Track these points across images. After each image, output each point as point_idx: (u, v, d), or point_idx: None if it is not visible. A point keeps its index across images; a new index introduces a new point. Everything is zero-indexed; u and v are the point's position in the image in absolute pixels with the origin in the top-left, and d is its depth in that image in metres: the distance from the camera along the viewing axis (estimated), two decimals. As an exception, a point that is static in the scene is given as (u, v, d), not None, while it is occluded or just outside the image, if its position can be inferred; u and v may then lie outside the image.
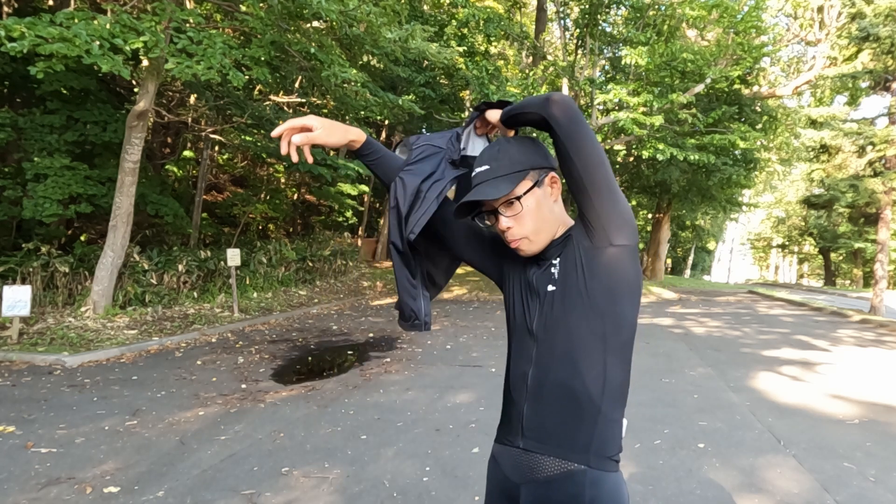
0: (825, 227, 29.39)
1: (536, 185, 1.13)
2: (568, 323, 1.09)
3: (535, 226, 1.12)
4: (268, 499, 2.79)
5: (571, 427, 1.07)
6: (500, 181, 1.10)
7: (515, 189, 1.11)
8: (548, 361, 1.11)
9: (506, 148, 1.14)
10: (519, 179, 1.11)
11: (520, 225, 1.12)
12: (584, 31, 13.36)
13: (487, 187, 1.11)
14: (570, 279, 1.10)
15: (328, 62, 7.49)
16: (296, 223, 18.35)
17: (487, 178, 1.12)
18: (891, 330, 9.79)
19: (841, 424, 4.22)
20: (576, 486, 1.06)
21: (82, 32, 5.44)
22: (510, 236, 1.13)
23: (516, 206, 1.11)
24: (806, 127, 14.00)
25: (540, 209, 1.13)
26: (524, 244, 1.14)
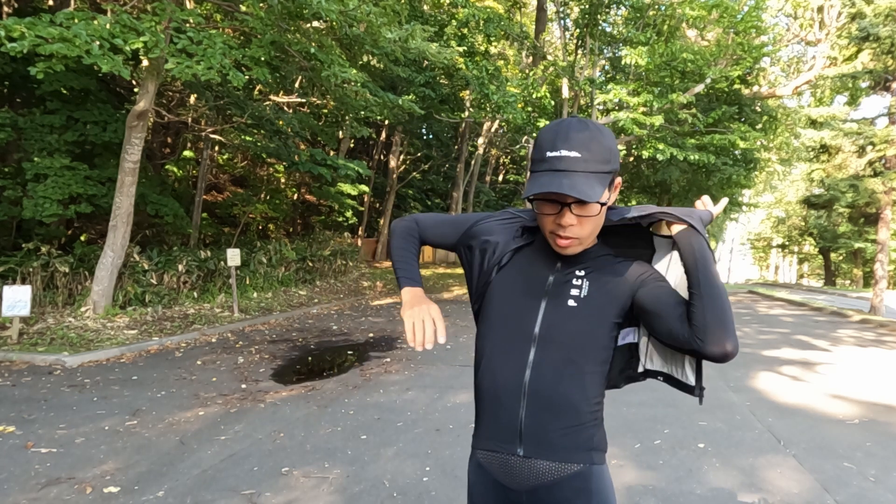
0: (825, 227, 29.39)
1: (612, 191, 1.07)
2: (573, 333, 1.08)
3: (592, 232, 1.07)
4: (268, 499, 2.79)
5: (574, 431, 1.08)
6: (592, 179, 0.99)
7: (604, 194, 1.01)
8: (549, 367, 1.08)
9: (598, 138, 1.01)
10: (607, 182, 1.02)
11: (582, 227, 1.04)
12: (584, 31, 13.36)
13: (581, 183, 0.98)
14: (593, 297, 1.08)
15: (328, 62, 7.49)
16: (296, 223, 18.36)
17: (578, 168, 0.99)
18: (891, 330, 9.79)
19: (841, 424, 4.22)
20: (583, 482, 1.07)
21: (82, 32, 5.44)
22: (568, 233, 1.04)
23: (592, 209, 1.02)
24: (806, 127, 14.00)
25: (602, 217, 1.07)
26: (573, 245, 1.06)
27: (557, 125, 1.03)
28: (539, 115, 13.64)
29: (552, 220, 1.05)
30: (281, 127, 11.73)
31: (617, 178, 1.08)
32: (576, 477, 1.08)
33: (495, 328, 1.14)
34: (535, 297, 1.11)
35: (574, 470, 1.07)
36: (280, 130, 11.75)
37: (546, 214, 1.05)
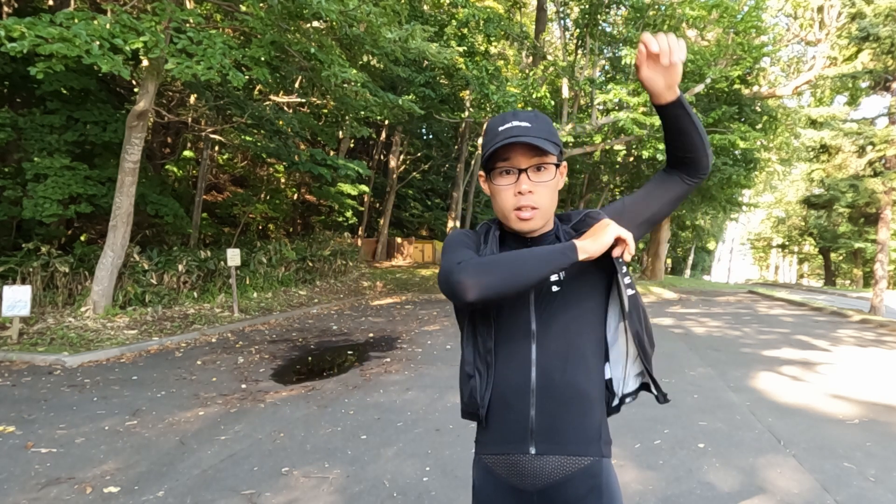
0: (825, 227, 29.41)
1: (557, 170, 1.14)
2: (567, 320, 1.11)
3: (550, 204, 1.13)
4: (268, 499, 2.79)
5: (583, 423, 1.11)
6: (544, 141, 1.08)
7: (553, 155, 1.11)
8: (551, 361, 1.10)
9: (544, 118, 1.13)
10: (555, 150, 1.11)
11: (539, 193, 1.10)
12: (584, 31, 13.36)
13: (536, 140, 1.07)
14: (572, 281, 1.12)
15: (328, 62, 7.49)
16: (296, 223, 18.36)
17: (530, 133, 1.08)
18: (891, 330, 9.79)
19: (841, 424, 4.22)
20: (594, 477, 1.11)
21: (82, 32, 5.44)
22: (527, 201, 1.09)
23: (547, 172, 1.11)
24: (806, 127, 14.00)
25: (556, 189, 1.15)
26: (535, 216, 1.11)
27: (503, 113, 1.15)
28: (539, 115, 13.62)
29: (511, 192, 1.10)
30: (281, 127, 11.73)
31: (564, 165, 1.18)
32: (587, 471, 1.10)
33: (491, 334, 1.13)
34: (524, 302, 1.12)
35: (585, 464, 1.10)
36: (280, 130, 11.75)
37: (504, 186, 1.11)
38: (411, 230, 24.48)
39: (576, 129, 12.98)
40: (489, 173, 1.14)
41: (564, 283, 1.12)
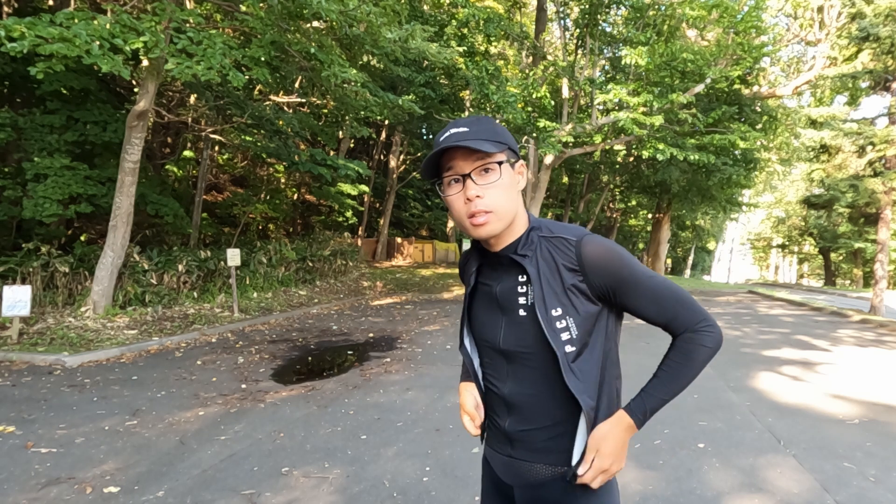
0: (825, 227, 29.42)
1: (509, 163, 1.10)
2: (532, 340, 1.09)
3: (506, 205, 1.07)
4: (268, 499, 2.79)
5: (557, 437, 1.12)
6: (482, 142, 1.04)
7: (497, 154, 1.06)
8: (522, 379, 1.12)
9: (484, 119, 1.10)
10: (500, 149, 1.07)
11: (490, 196, 1.05)
12: (584, 31, 13.36)
13: (472, 143, 1.03)
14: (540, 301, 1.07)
15: (328, 62, 7.48)
16: (296, 223, 18.36)
17: (468, 138, 1.05)
18: (891, 330, 9.79)
19: (841, 424, 4.22)
20: (567, 484, 1.11)
21: (82, 32, 5.44)
22: (477, 206, 1.05)
23: (493, 173, 1.06)
24: (806, 127, 14.00)
25: (508, 189, 1.08)
26: (491, 220, 1.06)
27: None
28: (539, 115, 13.63)
29: (461, 200, 1.07)
30: (281, 127, 11.73)
31: (520, 163, 1.13)
32: (560, 479, 1.11)
33: (479, 346, 1.22)
34: (494, 313, 1.15)
35: (559, 472, 1.11)
36: (280, 130, 11.75)
37: (454, 195, 1.08)
38: (411, 230, 24.49)
39: (576, 129, 12.98)
40: (440, 187, 1.12)
41: (531, 308, 1.09)
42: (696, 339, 1.08)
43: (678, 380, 1.09)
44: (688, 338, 1.09)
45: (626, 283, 1.07)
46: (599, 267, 1.07)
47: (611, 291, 1.08)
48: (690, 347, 1.08)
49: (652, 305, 1.09)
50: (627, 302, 1.09)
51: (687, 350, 1.09)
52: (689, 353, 1.09)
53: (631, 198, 26.41)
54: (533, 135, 12.73)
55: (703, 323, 1.08)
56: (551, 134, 12.29)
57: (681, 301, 1.09)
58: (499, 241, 1.12)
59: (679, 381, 1.09)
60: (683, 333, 1.09)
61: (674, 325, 1.10)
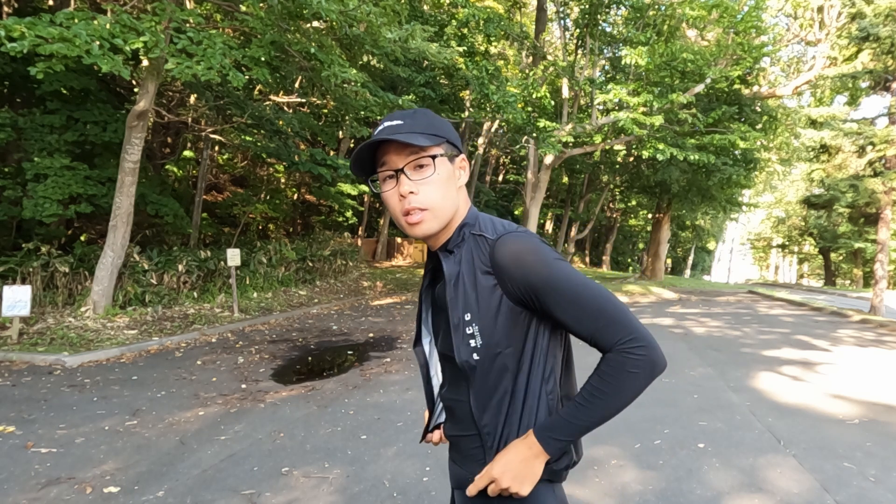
0: (825, 227, 29.42)
1: (448, 157, 1.04)
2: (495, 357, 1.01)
3: (441, 199, 1.01)
4: (268, 499, 2.79)
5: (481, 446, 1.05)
6: (415, 136, 0.98)
7: (432, 147, 1.00)
8: (455, 383, 1.09)
9: (422, 112, 1.04)
10: (436, 142, 1.01)
11: (425, 192, 1.00)
12: (584, 31, 13.36)
13: (403, 136, 0.97)
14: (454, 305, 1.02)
15: (328, 62, 7.48)
16: (296, 223, 18.36)
17: (402, 130, 0.99)
18: (891, 330, 9.79)
19: (841, 424, 4.22)
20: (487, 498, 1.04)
21: (82, 32, 5.44)
22: (411, 203, 1.00)
23: (427, 168, 1.00)
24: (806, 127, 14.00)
25: (447, 184, 1.02)
26: (426, 218, 1.01)
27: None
28: (539, 115, 13.63)
29: (395, 196, 1.02)
30: (281, 127, 11.73)
31: (460, 157, 1.07)
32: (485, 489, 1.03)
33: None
34: (438, 314, 1.13)
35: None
36: (280, 130, 11.75)
37: (389, 192, 1.03)
38: (411, 230, 24.44)
39: (576, 129, 12.98)
40: (375, 183, 1.06)
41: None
42: (618, 362, 0.93)
43: (597, 407, 0.94)
44: (610, 358, 0.94)
45: (542, 288, 0.95)
46: (511, 269, 0.97)
47: (531, 297, 0.97)
48: (611, 371, 0.93)
49: (572, 316, 0.95)
50: (548, 310, 0.97)
51: (607, 373, 0.94)
52: (608, 378, 0.93)
53: (631, 198, 26.41)
54: (533, 135, 12.73)
55: (630, 342, 0.92)
56: (551, 134, 12.29)
57: (604, 312, 0.94)
58: (437, 240, 1.07)
59: (597, 408, 0.94)
60: (608, 352, 0.95)
61: (597, 340, 0.95)
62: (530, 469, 0.98)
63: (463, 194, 1.08)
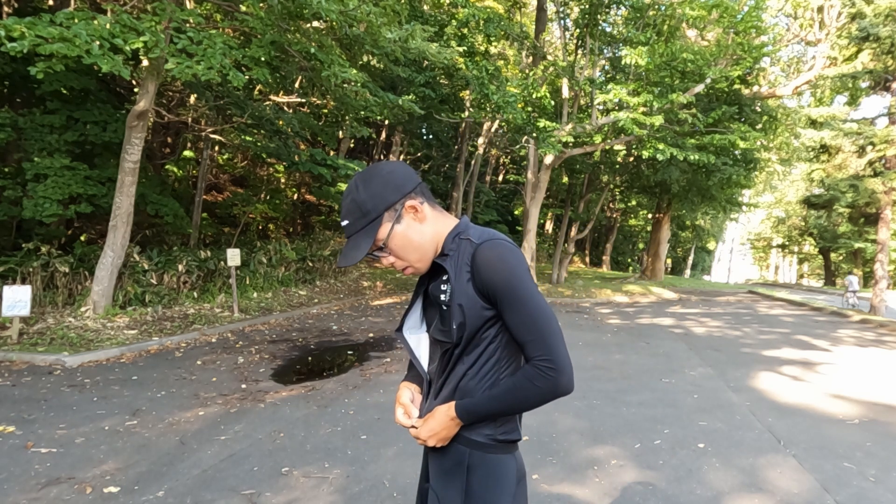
0: (825, 227, 29.42)
1: (396, 222, 1.19)
2: (461, 338, 1.19)
3: (414, 254, 1.22)
4: (268, 499, 2.79)
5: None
6: (359, 238, 1.18)
7: (376, 240, 1.19)
8: (447, 369, 1.24)
9: (355, 197, 1.19)
10: (376, 228, 1.18)
11: (399, 258, 1.23)
12: (584, 31, 13.35)
13: (351, 250, 1.19)
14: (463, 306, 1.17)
15: (328, 62, 7.48)
16: (296, 223, 18.35)
17: (349, 234, 1.20)
18: (891, 330, 9.79)
19: (841, 424, 4.22)
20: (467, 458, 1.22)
21: (82, 32, 5.43)
22: (397, 267, 1.24)
23: (384, 249, 1.21)
24: (806, 127, 14.02)
25: (410, 239, 1.21)
26: (412, 270, 1.24)
27: None
28: (539, 115, 13.63)
29: (384, 263, 1.27)
30: (281, 127, 11.72)
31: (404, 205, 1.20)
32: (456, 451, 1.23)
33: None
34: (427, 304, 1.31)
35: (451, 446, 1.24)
36: (280, 130, 11.75)
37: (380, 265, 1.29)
38: (411, 230, 24.43)
39: (576, 129, 12.98)
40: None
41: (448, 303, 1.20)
42: (530, 373, 1.12)
43: (502, 402, 1.15)
44: (526, 368, 1.13)
45: (500, 291, 1.13)
46: (482, 269, 1.14)
47: (491, 296, 1.14)
48: (522, 377, 1.13)
49: (514, 322, 1.13)
50: (500, 311, 1.15)
51: (519, 378, 1.13)
52: (518, 382, 1.13)
53: (631, 198, 26.39)
54: (533, 135, 12.73)
55: (546, 362, 1.10)
56: (551, 134, 12.28)
57: (538, 329, 1.11)
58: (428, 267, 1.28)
59: (502, 403, 1.15)
60: (527, 362, 1.14)
61: (525, 349, 1.14)
62: (447, 431, 1.21)
63: (432, 224, 1.23)
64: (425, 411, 1.30)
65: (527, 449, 3.49)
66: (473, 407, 1.18)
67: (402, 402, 1.34)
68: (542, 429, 3.92)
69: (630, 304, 13.34)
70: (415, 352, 1.34)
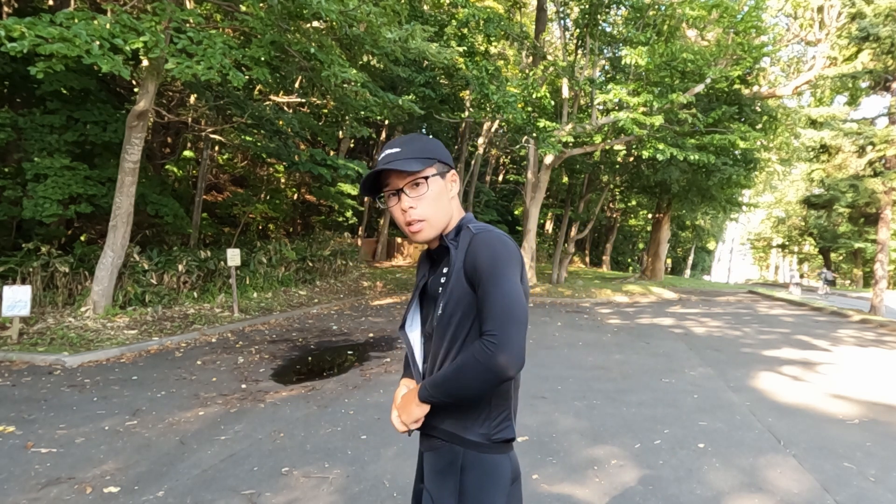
0: (825, 227, 29.40)
1: (440, 175, 1.25)
2: (449, 322, 1.22)
3: (432, 210, 1.24)
4: (268, 499, 2.79)
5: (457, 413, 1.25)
6: (411, 161, 1.21)
7: (422, 171, 1.22)
8: (436, 357, 1.26)
9: (417, 137, 1.27)
10: (428, 164, 1.23)
11: (421, 206, 1.23)
12: (584, 31, 13.36)
13: (403, 161, 1.21)
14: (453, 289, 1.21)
15: (328, 62, 7.48)
16: (296, 223, 18.35)
17: (399, 157, 1.22)
18: (891, 330, 9.80)
19: (841, 424, 4.22)
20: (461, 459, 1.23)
21: (82, 32, 5.43)
22: (410, 216, 1.23)
23: (422, 186, 1.23)
24: (806, 127, 14.00)
25: (439, 197, 1.25)
26: (424, 227, 1.24)
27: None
28: (539, 115, 13.63)
29: (398, 210, 1.25)
30: (281, 127, 11.72)
31: (451, 172, 1.29)
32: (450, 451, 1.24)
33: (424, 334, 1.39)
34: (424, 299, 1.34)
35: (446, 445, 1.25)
36: (280, 130, 11.75)
37: (393, 207, 1.26)
38: (411, 230, 24.44)
39: (576, 129, 12.98)
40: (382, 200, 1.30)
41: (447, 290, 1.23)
42: (474, 347, 1.12)
43: (448, 378, 1.16)
44: (474, 343, 1.14)
45: (483, 275, 1.16)
46: (473, 254, 1.19)
47: (474, 277, 1.17)
48: (467, 353, 1.14)
49: (483, 300, 1.15)
50: (476, 289, 1.17)
51: (465, 354, 1.14)
52: (463, 358, 1.14)
53: (631, 198, 26.39)
54: (533, 135, 12.73)
55: (491, 337, 1.09)
56: (551, 134, 12.28)
57: (500, 311, 1.11)
58: (434, 242, 1.30)
59: (447, 379, 1.16)
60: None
61: (481, 328, 1.15)
62: (413, 411, 1.24)
63: (456, 203, 1.31)
64: None
65: (527, 449, 3.49)
66: (429, 383, 1.20)
67: (396, 404, 1.35)
68: (542, 429, 3.92)
69: (630, 304, 13.35)
70: (414, 350, 1.36)
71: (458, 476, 1.21)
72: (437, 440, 1.27)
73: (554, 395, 4.83)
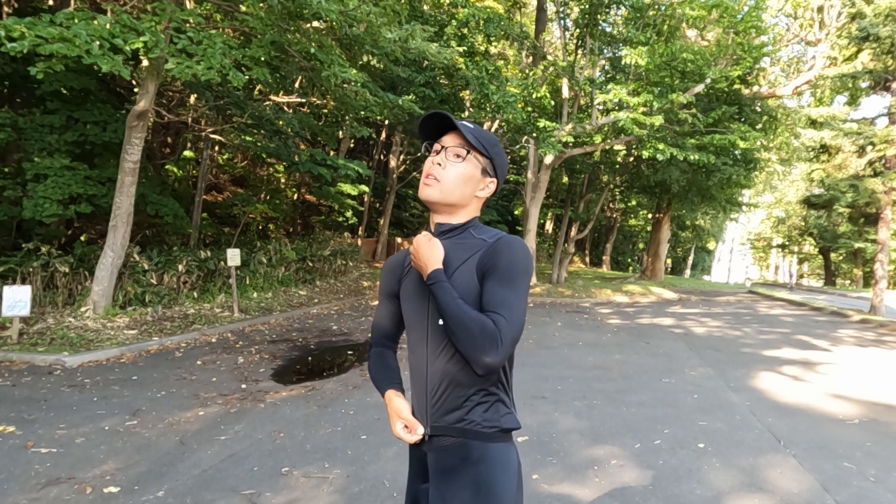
0: (825, 227, 29.40)
1: (481, 168, 1.30)
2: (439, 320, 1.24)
3: (455, 186, 1.26)
4: (268, 499, 2.79)
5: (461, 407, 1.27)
6: (474, 138, 1.27)
7: (475, 152, 1.28)
8: (436, 352, 1.29)
9: (489, 134, 1.33)
10: (481, 152, 1.29)
11: (448, 171, 1.26)
12: (584, 31, 13.36)
13: (466, 130, 1.26)
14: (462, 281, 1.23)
15: (328, 62, 7.48)
16: (296, 223, 18.35)
17: (468, 130, 1.27)
18: (891, 330, 9.80)
19: (841, 424, 4.22)
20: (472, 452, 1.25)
21: (82, 32, 5.43)
22: (433, 171, 1.27)
23: (461, 160, 1.27)
24: (806, 127, 14.00)
25: (466, 182, 1.28)
26: (435, 188, 1.26)
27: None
28: (539, 115, 13.63)
29: (430, 162, 1.29)
30: (281, 127, 11.72)
31: (491, 178, 1.32)
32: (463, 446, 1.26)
33: (406, 327, 1.44)
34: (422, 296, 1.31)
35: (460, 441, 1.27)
36: (280, 130, 11.74)
37: (428, 157, 1.31)
38: (411, 230, 24.46)
39: (576, 129, 12.98)
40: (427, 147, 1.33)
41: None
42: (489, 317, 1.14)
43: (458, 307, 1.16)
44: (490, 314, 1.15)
45: (500, 272, 1.19)
46: (495, 250, 1.22)
47: (485, 273, 1.21)
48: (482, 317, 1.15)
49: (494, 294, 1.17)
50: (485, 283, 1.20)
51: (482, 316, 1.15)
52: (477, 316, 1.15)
53: (631, 198, 26.40)
54: (533, 135, 12.73)
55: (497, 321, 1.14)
56: (551, 134, 12.28)
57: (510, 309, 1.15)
58: (438, 211, 1.31)
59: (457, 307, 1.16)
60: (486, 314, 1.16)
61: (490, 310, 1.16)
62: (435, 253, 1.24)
63: (477, 203, 1.33)
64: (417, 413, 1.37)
65: (527, 449, 3.49)
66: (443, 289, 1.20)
67: (403, 416, 1.36)
68: (542, 429, 3.92)
69: (630, 304, 13.35)
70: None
71: (471, 469, 1.24)
72: (447, 438, 1.29)
73: (554, 395, 4.83)
